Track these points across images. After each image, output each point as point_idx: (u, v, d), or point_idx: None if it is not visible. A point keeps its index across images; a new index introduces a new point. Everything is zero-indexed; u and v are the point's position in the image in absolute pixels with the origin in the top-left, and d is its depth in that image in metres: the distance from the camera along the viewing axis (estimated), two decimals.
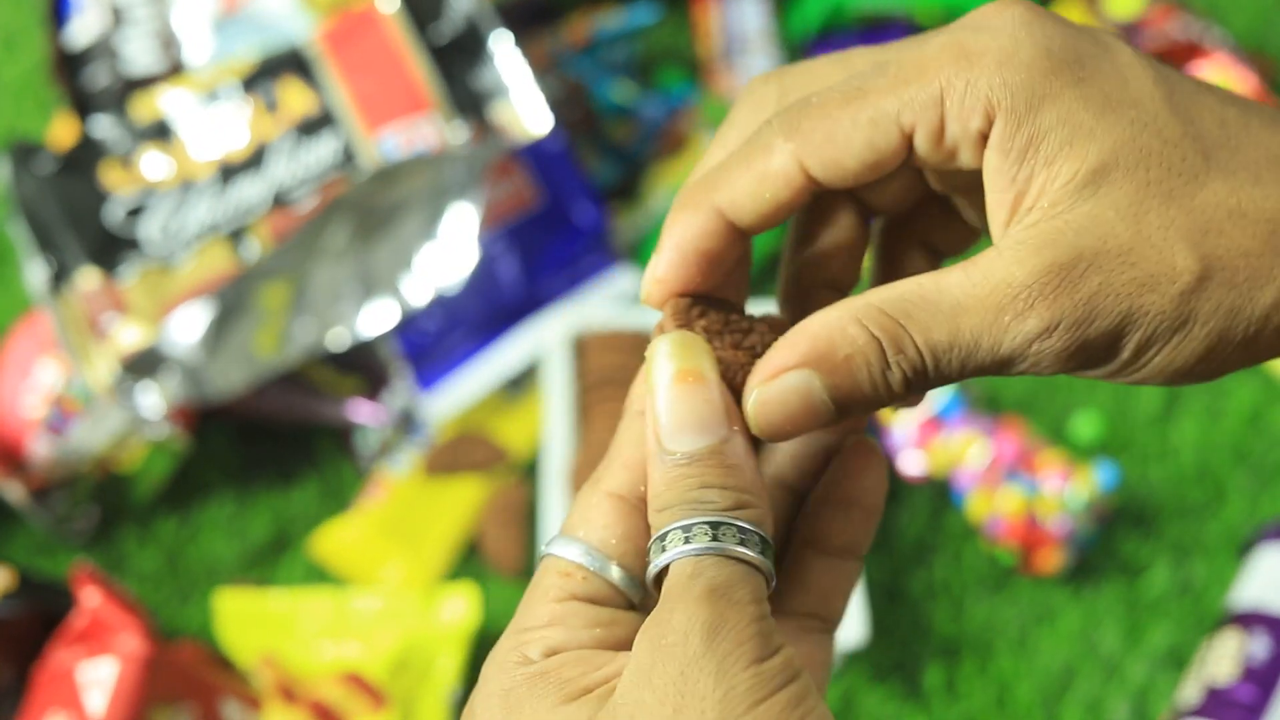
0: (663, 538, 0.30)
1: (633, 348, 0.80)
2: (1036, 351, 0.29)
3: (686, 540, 0.29)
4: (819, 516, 0.34)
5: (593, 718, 0.28)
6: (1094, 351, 0.29)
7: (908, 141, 0.30)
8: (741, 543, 0.29)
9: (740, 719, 0.26)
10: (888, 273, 0.36)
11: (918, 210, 0.36)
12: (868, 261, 0.37)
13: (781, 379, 0.30)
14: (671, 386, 0.31)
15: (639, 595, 0.31)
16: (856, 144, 0.30)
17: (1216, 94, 0.30)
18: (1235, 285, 0.29)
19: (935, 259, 0.36)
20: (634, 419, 0.33)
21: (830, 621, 0.34)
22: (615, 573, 0.31)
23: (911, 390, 0.30)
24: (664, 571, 0.29)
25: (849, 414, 0.31)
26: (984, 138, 0.30)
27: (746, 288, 0.35)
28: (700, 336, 0.32)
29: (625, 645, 0.30)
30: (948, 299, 0.29)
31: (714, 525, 0.29)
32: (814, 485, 0.35)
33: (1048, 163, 0.29)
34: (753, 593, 0.29)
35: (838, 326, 0.30)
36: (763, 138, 0.32)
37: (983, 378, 0.30)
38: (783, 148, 0.31)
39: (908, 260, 0.36)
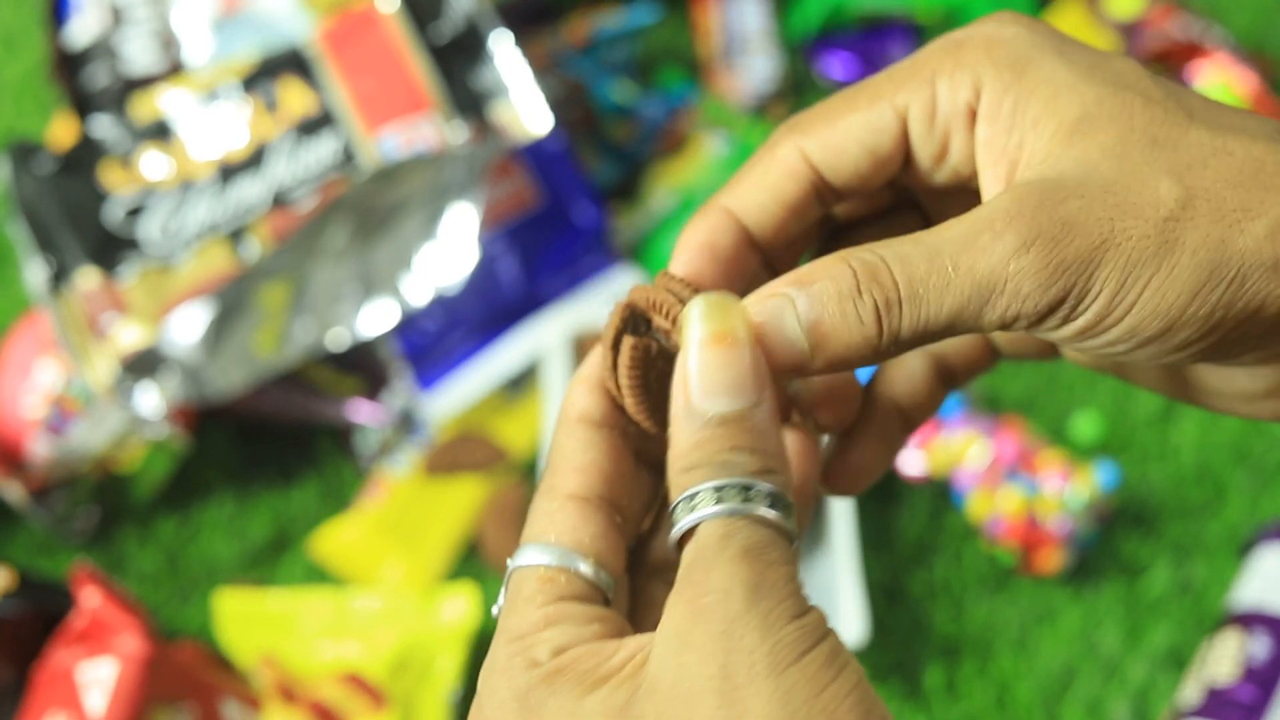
0: (692, 497, 0.29)
1: None
2: (1015, 272, 0.28)
3: (718, 501, 0.29)
4: None
5: (630, 699, 0.27)
6: (1074, 277, 0.28)
7: (903, 127, 0.32)
8: (771, 506, 0.29)
9: (788, 669, 0.26)
10: None
11: None
12: None
13: (762, 299, 0.31)
14: (705, 348, 0.30)
15: (614, 592, 0.31)
16: (855, 128, 0.32)
17: (1201, 93, 0.31)
18: (1222, 215, 0.28)
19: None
20: (574, 426, 0.32)
21: None
22: (594, 571, 0.31)
23: (885, 331, 0.30)
24: (688, 535, 0.29)
25: (822, 353, 0.30)
26: (972, 113, 0.31)
27: None
28: (735, 298, 0.31)
29: (620, 637, 0.30)
30: (930, 238, 0.29)
31: (745, 488, 0.29)
32: None
33: (1034, 124, 0.30)
34: (785, 555, 0.29)
35: (821, 262, 0.30)
36: (770, 139, 0.33)
37: (966, 334, 0.31)
38: (786, 140, 0.33)
39: None
